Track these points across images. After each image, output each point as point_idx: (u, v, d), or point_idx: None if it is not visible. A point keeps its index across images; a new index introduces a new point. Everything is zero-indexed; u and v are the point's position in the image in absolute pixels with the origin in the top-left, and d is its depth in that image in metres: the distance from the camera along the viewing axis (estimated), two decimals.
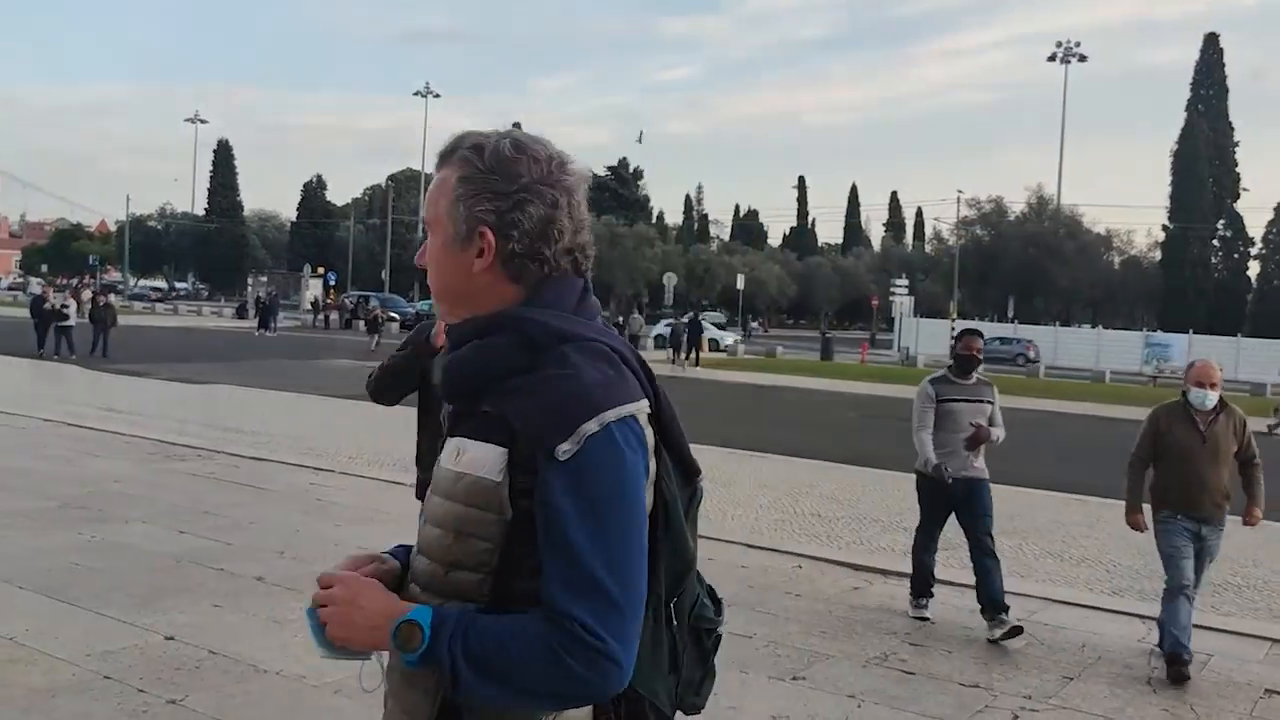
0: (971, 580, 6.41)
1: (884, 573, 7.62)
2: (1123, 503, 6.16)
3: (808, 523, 9.60)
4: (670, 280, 54.85)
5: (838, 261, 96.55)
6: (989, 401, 6.80)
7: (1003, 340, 52.46)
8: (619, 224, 79.10)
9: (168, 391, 19.54)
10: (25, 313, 27.51)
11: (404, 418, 5.84)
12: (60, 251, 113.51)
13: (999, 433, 6.77)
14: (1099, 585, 7.83)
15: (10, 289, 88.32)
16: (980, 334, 7.07)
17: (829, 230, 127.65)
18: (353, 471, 10.73)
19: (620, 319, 46.62)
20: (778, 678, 5.30)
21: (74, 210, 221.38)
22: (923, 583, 6.65)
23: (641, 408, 1.55)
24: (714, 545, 8.11)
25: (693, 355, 36.76)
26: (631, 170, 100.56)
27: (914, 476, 6.82)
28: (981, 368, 6.88)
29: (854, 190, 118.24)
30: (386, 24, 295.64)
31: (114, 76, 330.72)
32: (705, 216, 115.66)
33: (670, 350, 37.95)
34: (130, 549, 7.07)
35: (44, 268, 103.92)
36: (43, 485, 9.08)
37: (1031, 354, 49.14)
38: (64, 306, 26.97)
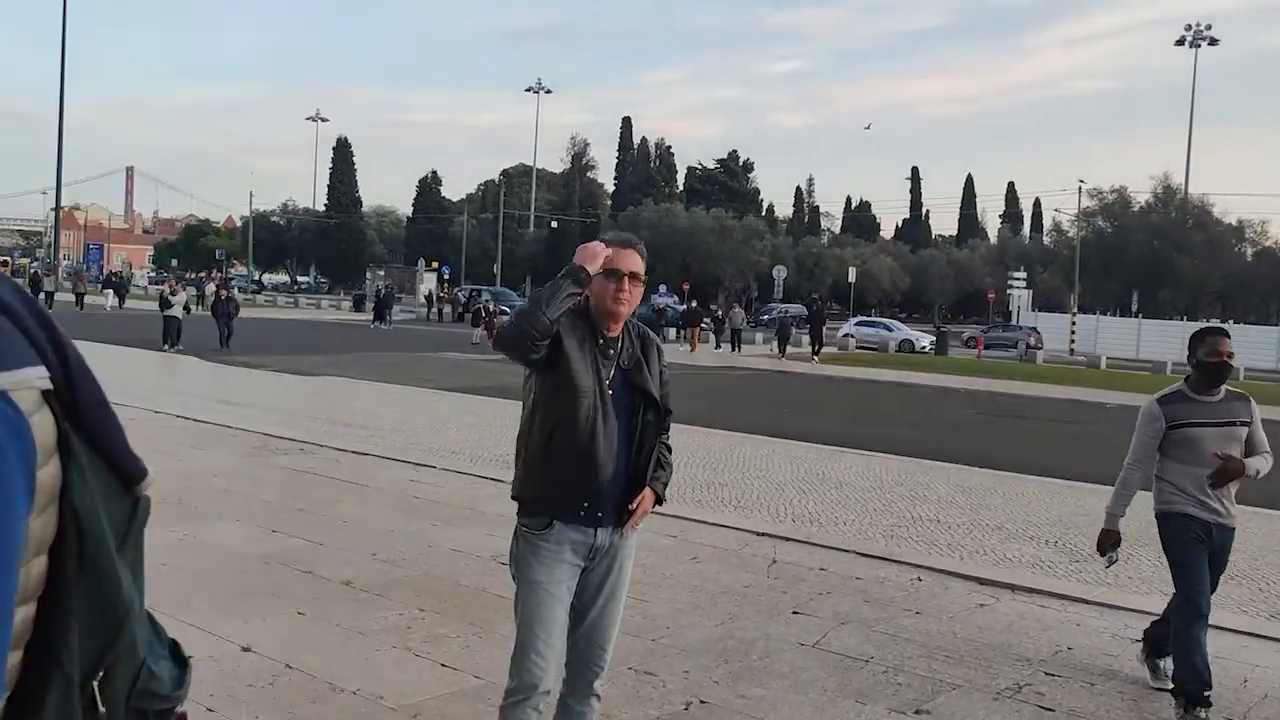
0: (1117, 601, 5.75)
1: (1012, 588, 6.99)
2: (1273, 512, 5.42)
3: (925, 529, 8.97)
4: (780, 273, 54.04)
5: (952, 254, 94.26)
6: (1244, 422, 5.00)
7: (1004, 328, 51.77)
8: (728, 216, 78.28)
9: (280, 384, 19.69)
10: (158, 306, 28.26)
11: (511, 413, 5.44)
12: (190, 247, 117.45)
13: (1263, 463, 5.00)
14: (1253, 607, 7.05)
15: (154, 283, 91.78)
16: (1228, 334, 5.14)
17: (943, 222, 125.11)
18: (453, 468, 10.44)
19: (719, 312, 46.00)
20: (899, 710, 4.76)
21: (203, 207, 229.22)
22: (1199, 684, 4.75)
23: (17, 380, 1.02)
24: (826, 553, 7.57)
25: (815, 348, 35.77)
26: (741, 163, 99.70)
27: (1040, 480, 6.13)
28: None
29: (969, 181, 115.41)
30: (499, 22, 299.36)
31: (241, 78, 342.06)
32: (816, 209, 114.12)
33: (776, 343, 37.18)
34: (220, 549, 6.84)
35: (174, 262, 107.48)
36: None
37: (1032, 341, 47.04)
38: (170, 295, 27.39)
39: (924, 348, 44.35)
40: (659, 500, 3.49)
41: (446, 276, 74.44)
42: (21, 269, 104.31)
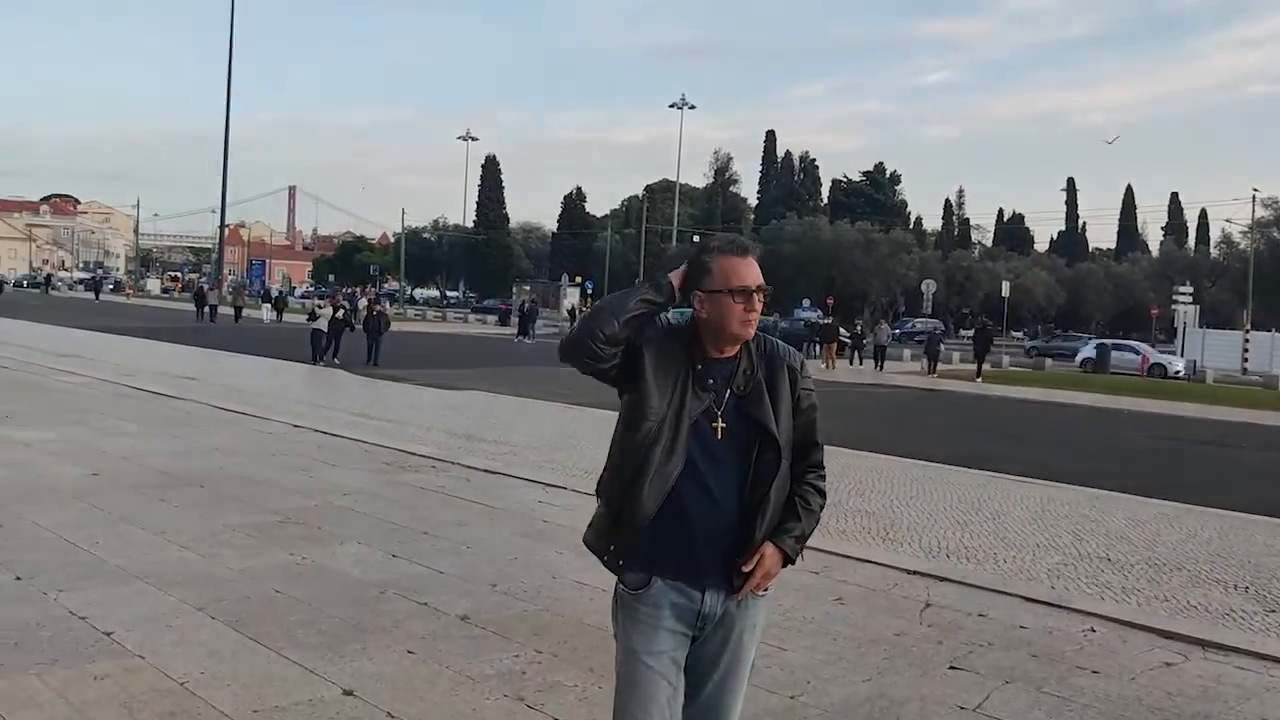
0: None
1: (1201, 644, 6.14)
2: None
3: (1095, 569, 8.13)
4: (930, 287, 52.45)
5: (1111, 267, 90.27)
6: None
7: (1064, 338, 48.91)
8: (874, 230, 76.65)
9: (421, 398, 19.74)
10: (306, 319, 28.97)
11: None
12: (346, 262, 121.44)
13: None
14: None
15: (302, 297, 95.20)
16: None
17: (1101, 234, 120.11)
18: (583, 489, 10.01)
19: (859, 326, 44.74)
20: None
21: (359, 224, 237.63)
22: None
23: None
24: (985, 596, 6.84)
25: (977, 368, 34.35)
26: (888, 175, 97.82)
27: (1221, 514, 5.30)
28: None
29: (1129, 191, 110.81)
30: (643, 40, 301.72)
31: (396, 101, 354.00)
32: (966, 221, 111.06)
33: (925, 360, 35.95)
34: (336, 575, 6.53)
35: (331, 277, 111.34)
36: (270, 497, 8.82)
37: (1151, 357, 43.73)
38: (317, 308, 27.94)
39: (1178, 372, 41.56)
40: (788, 559, 2.84)
41: (590, 291, 75.12)
42: (191, 283, 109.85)
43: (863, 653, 5.61)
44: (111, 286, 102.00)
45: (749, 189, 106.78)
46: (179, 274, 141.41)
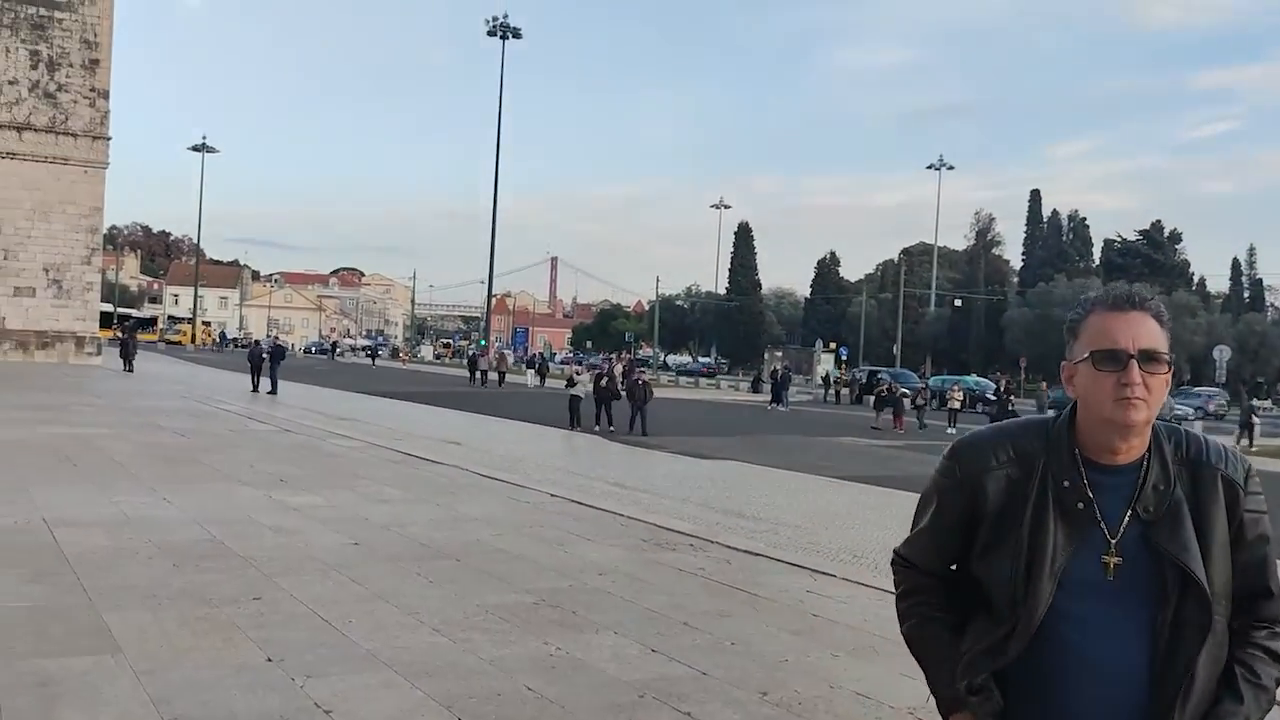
0: None
1: None
2: None
3: None
4: (1222, 354, 48.07)
5: None
6: None
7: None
8: (1155, 292, 71.59)
9: (675, 467, 19.31)
10: (564, 385, 29.43)
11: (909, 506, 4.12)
12: (603, 329, 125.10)
13: None
14: None
15: (562, 362, 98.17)
16: None
17: None
18: (854, 578, 9.12)
19: None
20: None
21: (615, 292, 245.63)
22: None
23: None
24: None
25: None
26: (1167, 234, 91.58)
27: None
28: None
29: None
30: (897, 104, 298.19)
31: (652, 172, 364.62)
32: (1259, 282, 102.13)
33: (1238, 432, 32.86)
34: (590, 671, 5.96)
35: (589, 344, 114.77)
36: (525, 575, 8.43)
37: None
38: (575, 374, 28.14)
39: None
40: None
41: (844, 358, 73.49)
42: (463, 350, 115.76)
43: None
44: (388, 352, 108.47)
45: (1012, 250, 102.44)
46: (450, 341, 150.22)
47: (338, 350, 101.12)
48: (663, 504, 13.45)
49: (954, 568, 2.16)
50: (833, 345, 77.26)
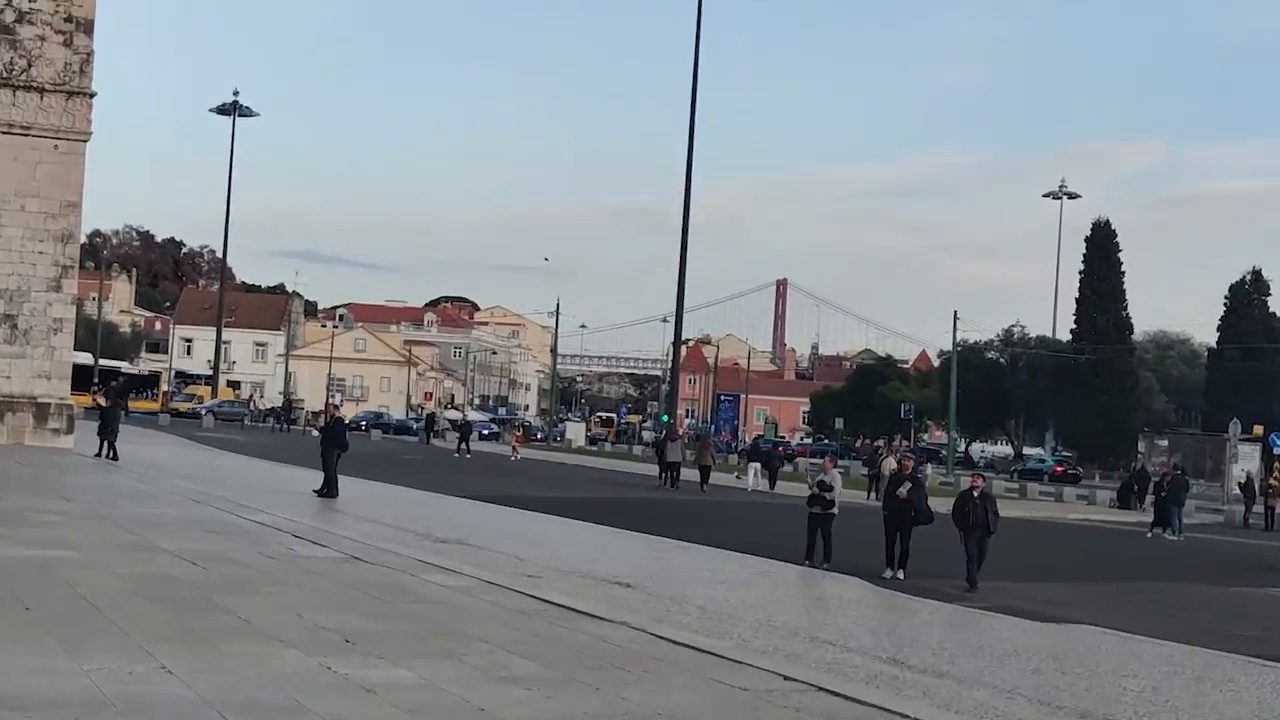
0: None
1: None
2: None
3: None
4: None
5: None
6: None
7: None
8: None
9: (988, 633, 14.46)
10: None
11: None
12: (863, 397, 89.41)
13: None
14: None
15: (797, 453, 72.33)
16: None
17: None
18: None
19: None
20: None
21: (882, 336, 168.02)
22: None
23: None
24: None
25: None
26: None
27: None
28: None
29: None
30: None
31: (932, 142, 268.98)
32: None
33: None
34: None
35: (839, 422, 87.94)
36: None
37: None
38: (824, 476, 19.74)
39: None
40: None
41: (1277, 450, 52.03)
42: (630, 427, 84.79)
43: None
44: (486, 432, 79.54)
45: None
46: (612, 415, 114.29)
47: (435, 427, 67.88)
48: (971, 701, 8.66)
49: None
50: (1258, 428, 55.00)
